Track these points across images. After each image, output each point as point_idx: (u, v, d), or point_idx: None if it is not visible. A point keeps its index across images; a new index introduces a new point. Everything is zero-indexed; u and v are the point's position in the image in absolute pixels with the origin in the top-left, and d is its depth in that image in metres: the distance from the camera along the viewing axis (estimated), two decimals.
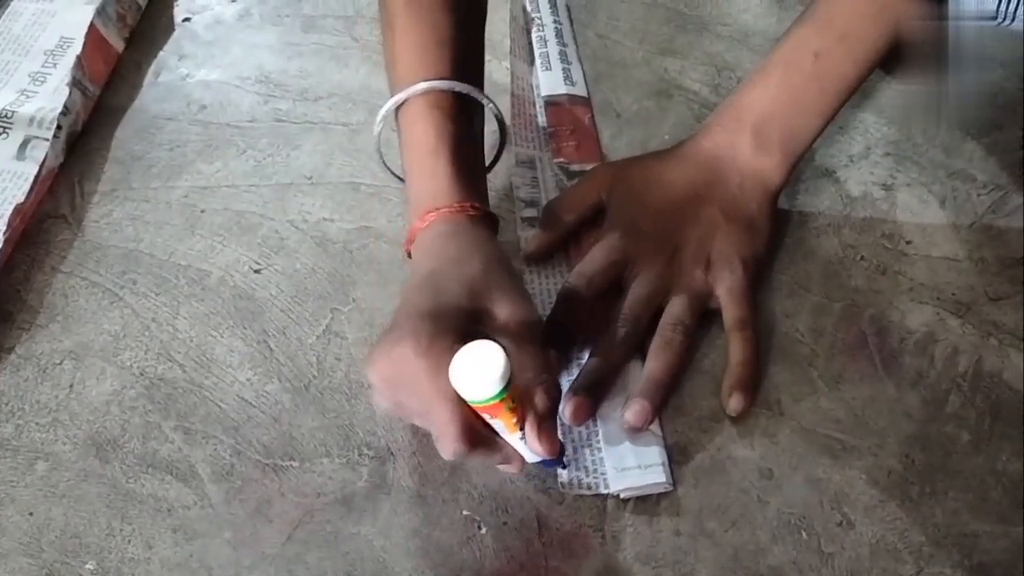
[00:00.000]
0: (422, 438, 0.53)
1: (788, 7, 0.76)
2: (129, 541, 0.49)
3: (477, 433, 0.45)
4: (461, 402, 0.44)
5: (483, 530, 0.50)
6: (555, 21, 0.73)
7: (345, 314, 0.58)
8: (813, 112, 0.58)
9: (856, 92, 0.59)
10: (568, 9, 0.75)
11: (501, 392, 0.43)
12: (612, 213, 0.59)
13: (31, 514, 0.50)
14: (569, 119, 0.67)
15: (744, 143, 0.59)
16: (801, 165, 0.61)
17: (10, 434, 0.53)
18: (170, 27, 0.74)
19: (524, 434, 0.45)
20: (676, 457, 0.52)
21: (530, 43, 0.72)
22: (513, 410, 0.44)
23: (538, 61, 0.70)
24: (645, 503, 0.51)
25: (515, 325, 0.47)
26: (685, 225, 0.58)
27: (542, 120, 0.67)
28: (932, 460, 0.53)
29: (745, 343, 0.55)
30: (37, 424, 0.53)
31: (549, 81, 0.69)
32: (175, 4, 0.76)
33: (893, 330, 0.58)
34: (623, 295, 0.56)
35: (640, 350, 0.55)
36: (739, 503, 0.51)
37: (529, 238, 0.60)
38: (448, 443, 0.45)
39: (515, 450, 0.47)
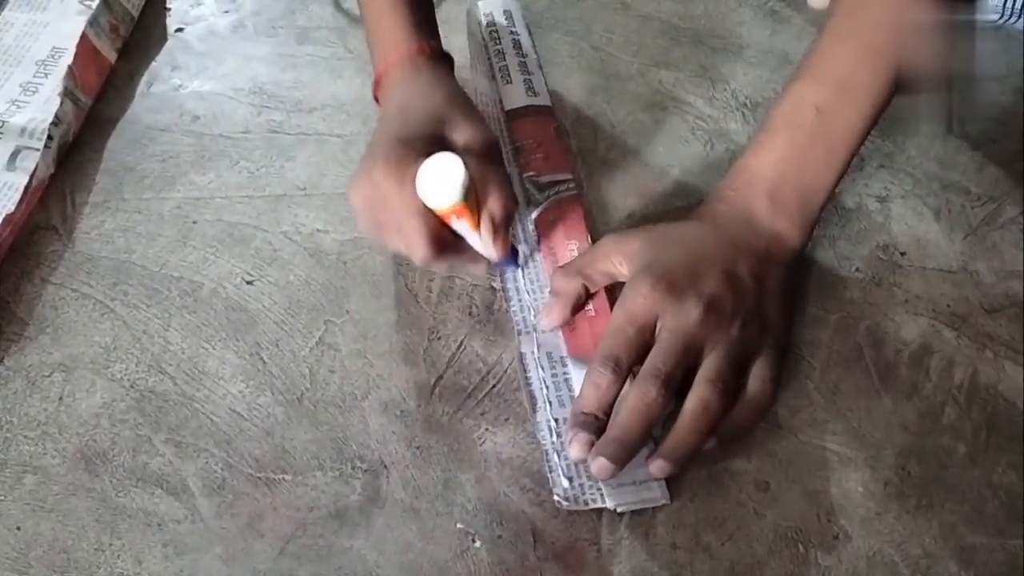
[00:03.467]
0: (415, 450, 0.53)
1: (782, 20, 0.76)
2: (119, 556, 0.49)
3: (443, 240, 0.53)
4: (428, 213, 0.51)
5: (477, 544, 0.50)
6: (512, 32, 0.72)
7: (339, 326, 0.58)
8: (824, 169, 0.56)
9: (864, 141, 0.56)
10: (524, 19, 0.74)
11: (463, 197, 0.50)
12: (637, 271, 0.54)
13: (19, 529, 0.50)
14: (534, 131, 0.66)
15: (761, 209, 0.56)
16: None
17: None
18: (163, 38, 0.74)
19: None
20: None
21: (489, 58, 0.71)
22: (474, 212, 0.52)
23: (498, 75, 0.70)
24: (641, 516, 0.50)
25: (476, 146, 0.54)
26: (720, 278, 0.53)
27: (507, 136, 0.67)
28: (928, 472, 0.52)
29: (755, 415, 0.53)
30: (26, 437, 0.53)
31: (511, 94, 0.68)
32: (168, 15, 0.76)
33: (889, 342, 0.57)
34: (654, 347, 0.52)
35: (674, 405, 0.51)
36: (736, 516, 0.51)
37: (542, 316, 0.57)
38: (418, 250, 0.52)
39: (479, 254, 0.55)
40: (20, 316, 0.58)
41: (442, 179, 0.50)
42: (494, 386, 0.55)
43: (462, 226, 0.53)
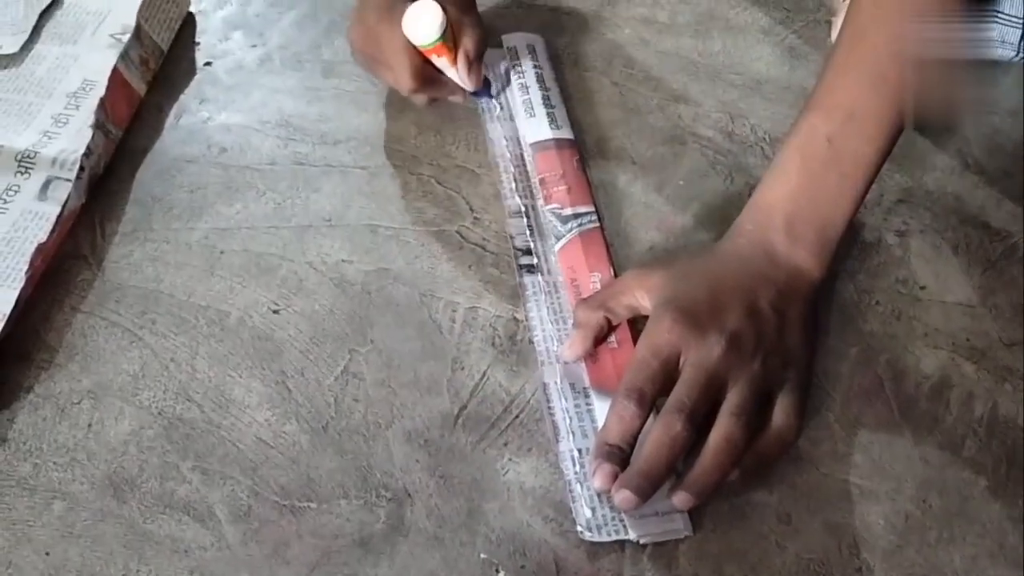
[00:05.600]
0: (439, 479, 0.53)
1: (800, 56, 0.77)
2: None
3: (426, 75, 0.65)
4: (413, 50, 0.64)
5: (501, 573, 0.50)
6: (535, 66, 0.73)
7: (363, 355, 0.58)
8: (839, 198, 0.57)
9: (880, 169, 0.57)
10: (547, 52, 0.76)
11: (441, 36, 0.62)
12: (659, 305, 0.55)
13: (48, 554, 0.50)
14: (558, 164, 0.67)
15: (779, 241, 0.57)
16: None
17: (28, 473, 0.53)
18: (191, 71, 0.75)
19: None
20: None
21: (512, 92, 0.72)
22: (451, 50, 0.64)
23: (521, 109, 0.70)
24: (664, 548, 0.51)
25: None
26: (741, 312, 0.54)
27: (532, 168, 0.68)
28: (949, 505, 0.53)
29: (780, 448, 0.53)
30: (55, 463, 0.54)
31: (534, 128, 0.69)
32: (197, 48, 0.77)
33: (909, 375, 0.58)
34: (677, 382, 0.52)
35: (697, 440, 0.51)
36: (758, 548, 0.51)
37: (564, 347, 0.57)
38: (405, 81, 0.65)
39: (458, 85, 0.67)
40: (50, 344, 0.58)
41: (424, 20, 0.62)
42: (517, 416, 0.56)
43: (442, 62, 0.65)
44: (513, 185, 0.66)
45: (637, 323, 0.58)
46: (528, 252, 0.63)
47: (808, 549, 0.51)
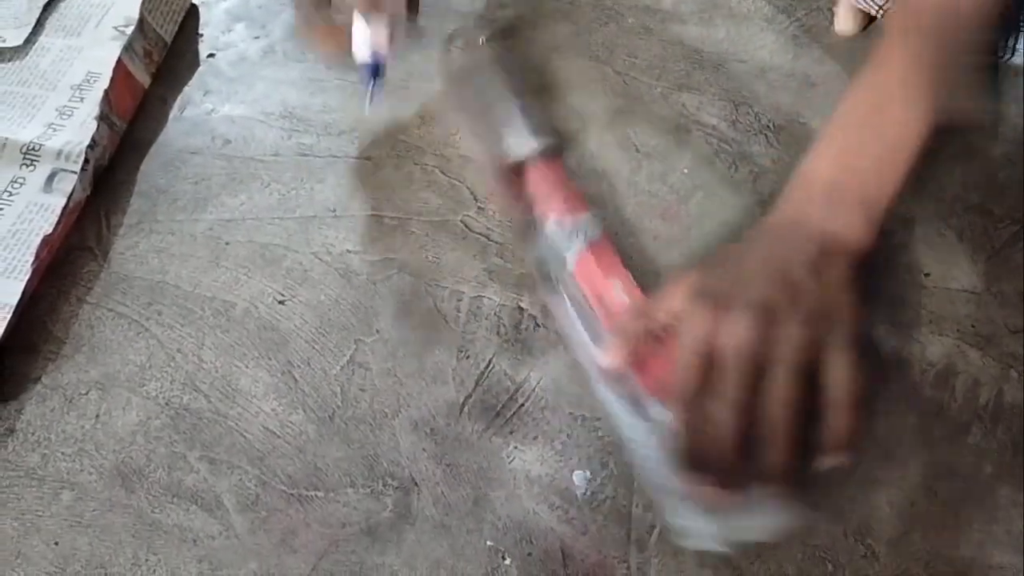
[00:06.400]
0: (445, 468, 0.53)
1: (803, 43, 0.77)
2: (154, 571, 0.50)
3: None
4: None
5: (507, 561, 0.50)
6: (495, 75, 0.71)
7: (368, 345, 0.58)
8: (885, 166, 0.55)
9: (927, 142, 0.55)
10: (515, 62, 0.74)
11: None
12: (688, 301, 0.53)
13: (56, 543, 0.51)
14: (544, 175, 0.64)
15: (816, 211, 0.55)
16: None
17: (36, 463, 0.53)
18: (195, 63, 0.75)
19: None
20: None
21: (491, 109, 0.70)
22: None
23: (501, 123, 0.68)
24: (668, 536, 0.51)
25: None
26: (769, 283, 0.52)
27: (522, 183, 0.66)
28: (955, 492, 0.53)
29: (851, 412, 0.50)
30: (63, 454, 0.54)
31: (516, 141, 0.66)
32: (200, 40, 0.77)
33: (914, 362, 0.58)
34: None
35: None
36: None
37: (607, 352, 0.56)
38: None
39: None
40: (57, 335, 0.59)
41: None
42: (522, 404, 0.56)
43: None
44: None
45: None
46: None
47: (815, 536, 0.51)
